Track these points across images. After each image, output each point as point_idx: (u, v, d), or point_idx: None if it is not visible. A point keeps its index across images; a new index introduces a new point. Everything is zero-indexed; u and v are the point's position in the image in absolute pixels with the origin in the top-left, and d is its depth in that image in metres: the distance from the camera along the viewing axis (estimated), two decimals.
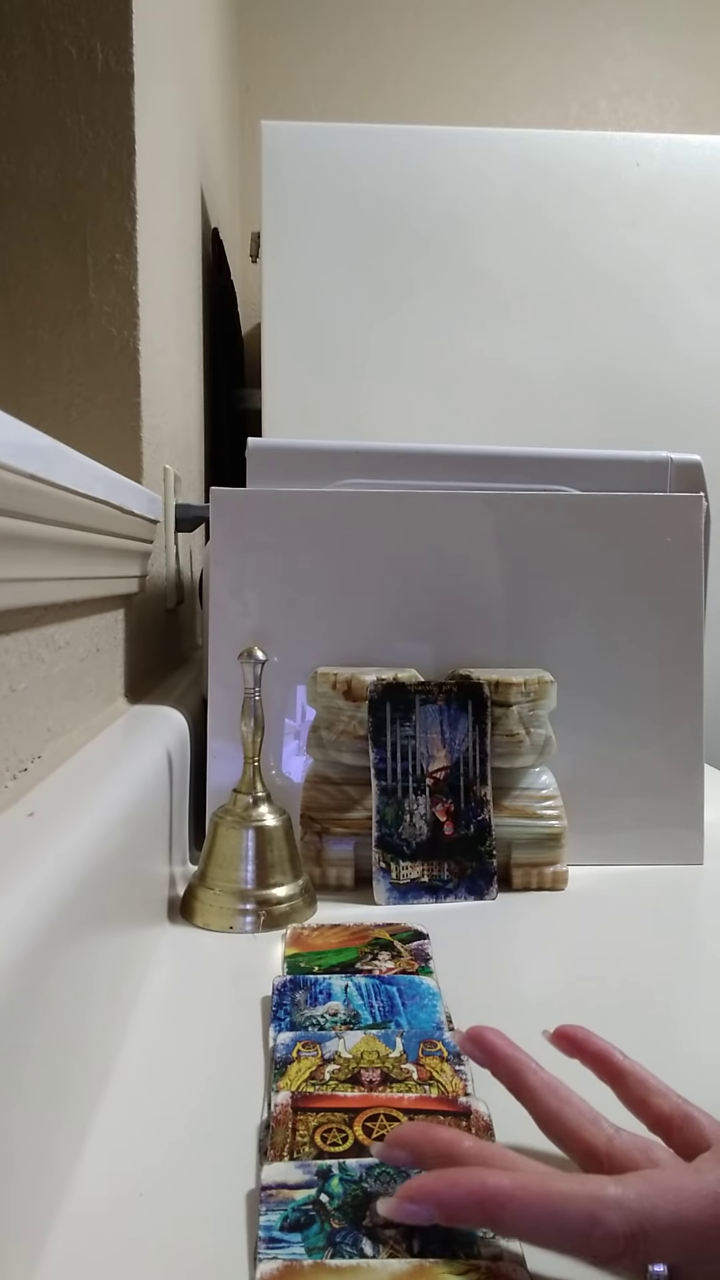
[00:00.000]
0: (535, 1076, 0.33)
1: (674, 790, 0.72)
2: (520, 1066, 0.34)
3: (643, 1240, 0.27)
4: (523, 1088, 0.33)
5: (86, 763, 0.51)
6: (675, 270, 1.43)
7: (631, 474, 0.77)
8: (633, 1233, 0.26)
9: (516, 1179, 0.28)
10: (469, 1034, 0.35)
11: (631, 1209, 0.27)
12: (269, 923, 0.58)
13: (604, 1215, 0.27)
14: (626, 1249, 0.27)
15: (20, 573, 0.42)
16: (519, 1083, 0.33)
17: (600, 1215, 0.27)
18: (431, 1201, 0.28)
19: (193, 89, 1.15)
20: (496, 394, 1.42)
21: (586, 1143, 0.31)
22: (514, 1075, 0.34)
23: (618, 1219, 0.27)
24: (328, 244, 1.39)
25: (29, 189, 0.72)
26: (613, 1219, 0.27)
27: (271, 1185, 0.32)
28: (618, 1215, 0.27)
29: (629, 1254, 0.27)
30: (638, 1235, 0.27)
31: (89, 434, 0.74)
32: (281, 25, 2.02)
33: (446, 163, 1.40)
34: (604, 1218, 0.27)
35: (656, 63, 2.08)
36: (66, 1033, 0.34)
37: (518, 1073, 0.33)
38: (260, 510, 0.71)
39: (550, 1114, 0.32)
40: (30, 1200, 0.30)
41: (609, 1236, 0.27)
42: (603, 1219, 0.27)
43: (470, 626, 0.72)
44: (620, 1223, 0.27)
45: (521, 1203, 0.27)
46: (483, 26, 2.05)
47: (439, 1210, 0.28)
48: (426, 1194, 0.28)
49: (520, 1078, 0.33)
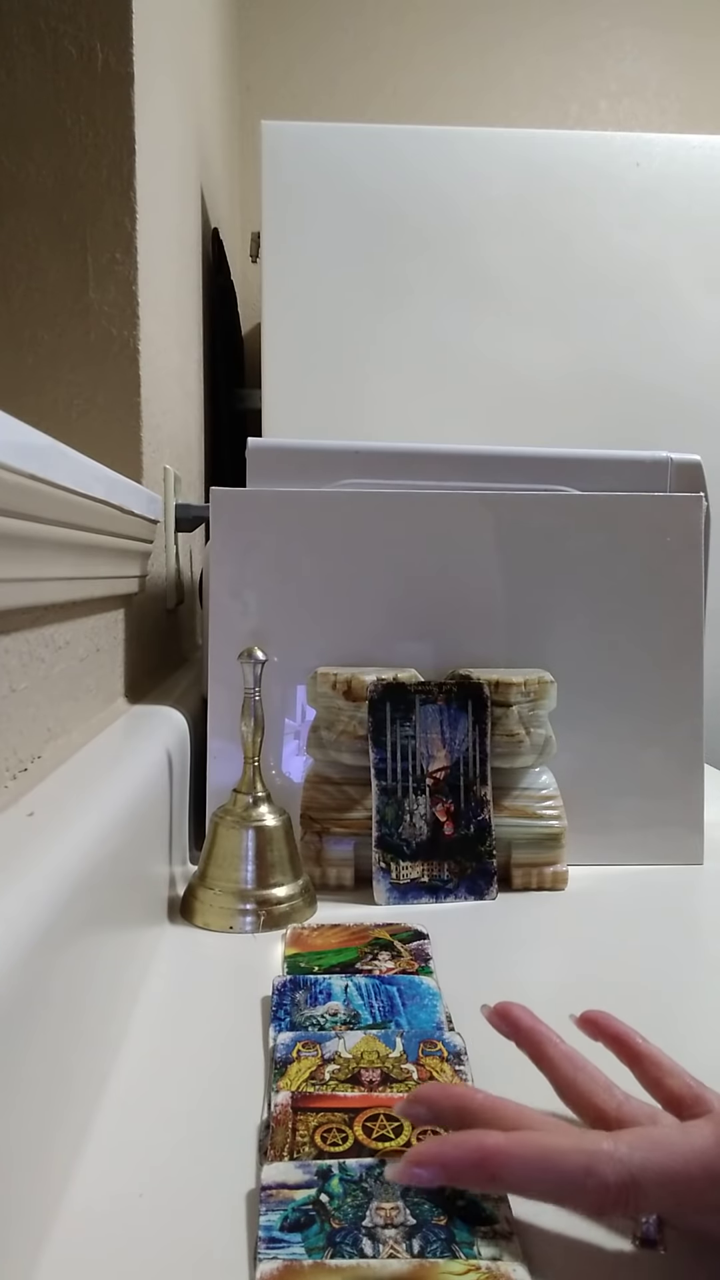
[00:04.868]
0: (554, 1048, 0.36)
1: (674, 790, 0.72)
2: (541, 1039, 0.36)
3: (634, 1190, 0.28)
4: (543, 1057, 0.36)
5: (86, 763, 0.51)
6: (675, 270, 1.43)
7: (631, 474, 0.77)
8: (624, 1183, 0.28)
9: (513, 1137, 0.30)
10: (495, 1009, 0.38)
11: (623, 1161, 0.28)
12: (269, 923, 0.58)
13: (597, 1167, 0.28)
14: (619, 1199, 0.28)
15: (20, 573, 0.42)
16: (540, 1053, 0.36)
17: (594, 1167, 0.28)
18: (436, 1164, 0.30)
19: (193, 89, 1.15)
20: (496, 394, 1.42)
21: (598, 1108, 0.33)
22: (536, 1046, 0.36)
23: (610, 1170, 0.28)
24: (328, 244, 1.39)
25: (29, 189, 0.72)
26: (605, 1170, 0.28)
27: (271, 1185, 0.32)
28: (610, 1167, 0.28)
29: (621, 1203, 0.28)
30: (629, 1185, 0.28)
31: (89, 434, 0.74)
32: (281, 25, 2.02)
33: (446, 163, 1.40)
34: (597, 1169, 0.28)
35: (656, 63, 2.08)
36: (66, 1032, 0.34)
37: (539, 1044, 0.36)
38: (260, 510, 0.71)
39: (567, 1081, 0.35)
40: (30, 1200, 0.30)
41: (602, 1186, 0.28)
42: (596, 1170, 0.28)
43: (470, 626, 0.72)
44: (613, 1174, 0.28)
45: (519, 1158, 0.29)
46: (482, 26, 2.05)
47: (443, 1171, 0.30)
48: (430, 1157, 0.30)
49: (541, 1048, 0.36)
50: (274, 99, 2.02)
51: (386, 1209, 0.31)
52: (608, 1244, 0.31)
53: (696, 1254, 0.30)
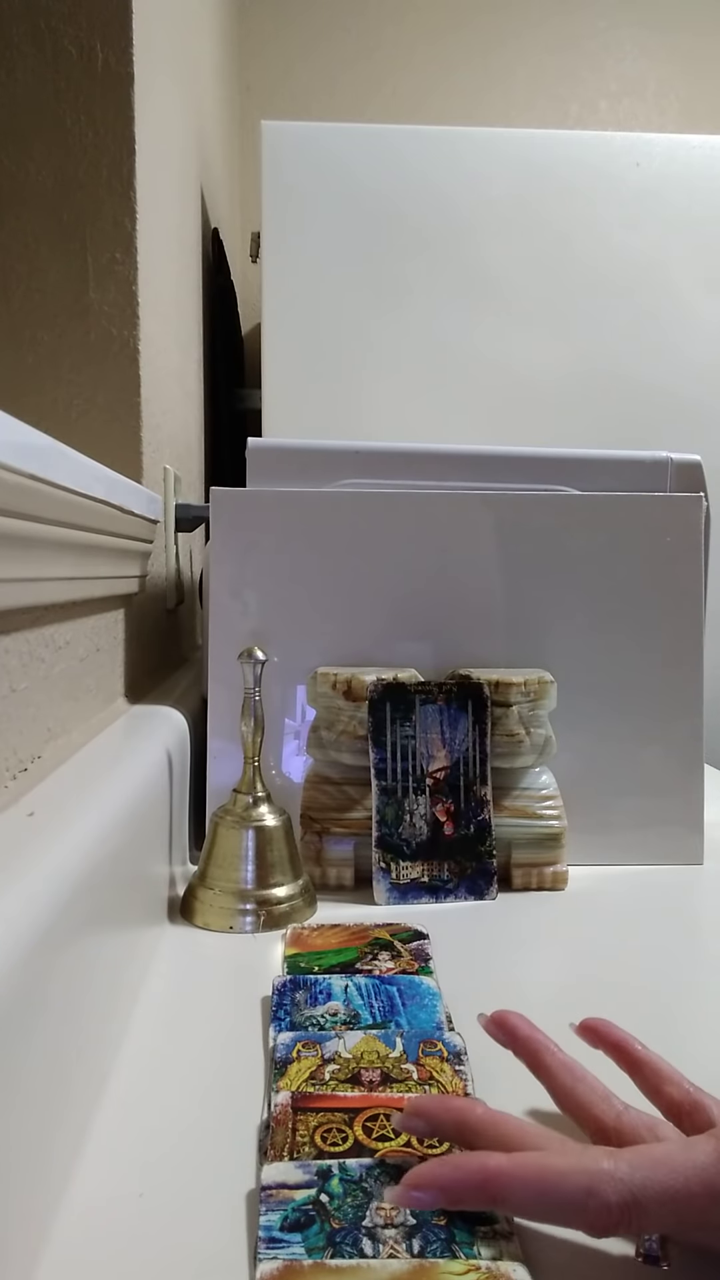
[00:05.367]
0: (552, 1057, 0.36)
1: (674, 790, 0.72)
2: (539, 1047, 0.36)
3: (636, 1210, 0.28)
4: (541, 1066, 0.36)
5: (86, 763, 0.51)
6: (675, 270, 1.43)
7: (631, 474, 0.77)
8: (626, 1203, 0.28)
9: (514, 1159, 0.30)
10: (492, 1017, 0.38)
11: (624, 1181, 0.28)
12: (269, 923, 0.58)
13: (599, 1188, 0.28)
14: (622, 1219, 0.28)
15: (20, 573, 0.42)
16: (538, 1062, 0.36)
17: (595, 1188, 0.28)
18: (436, 1187, 0.30)
19: (193, 89, 1.15)
20: (496, 394, 1.42)
21: (597, 1119, 0.33)
22: (533, 1055, 0.36)
23: (611, 1191, 0.28)
24: (328, 244, 1.39)
25: (29, 189, 0.72)
26: (607, 1191, 0.28)
27: (271, 1185, 0.32)
28: (611, 1187, 0.28)
29: (624, 1223, 0.28)
30: (631, 1206, 0.28)
31: (89, 434, 0.74)
32: (281, 26, 2.02)
33: (446, 162, 1.40)
34: (599, 1190, 0.28)
35: (656, 63, 2.08)
36: (66, 1032, 0.34)
37: (536, 1053, 0.36)
38: (260, 510, 0.71)
39: (565, 1091, 0.34)
40: (30, 1200, 0.30)
41: (604, 1208, 0.28)
42: (598, 1191, 0.28)
43: (470, 626, 0.72)
44: (614, 1194, 0.28)
45: (521, 1181, 0.29)
46: (482, 26, 2.05)
47: (443, 1195, 0.30)
48: (430, 1180, 0.30)
49: (539, 1057, 0.36)
50: (274, 99, 2.02)
51: (386, 1209, 0.31)
52: (608, 1244, 0.31)
53: (698, 1269, 0.30)
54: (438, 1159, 0.31)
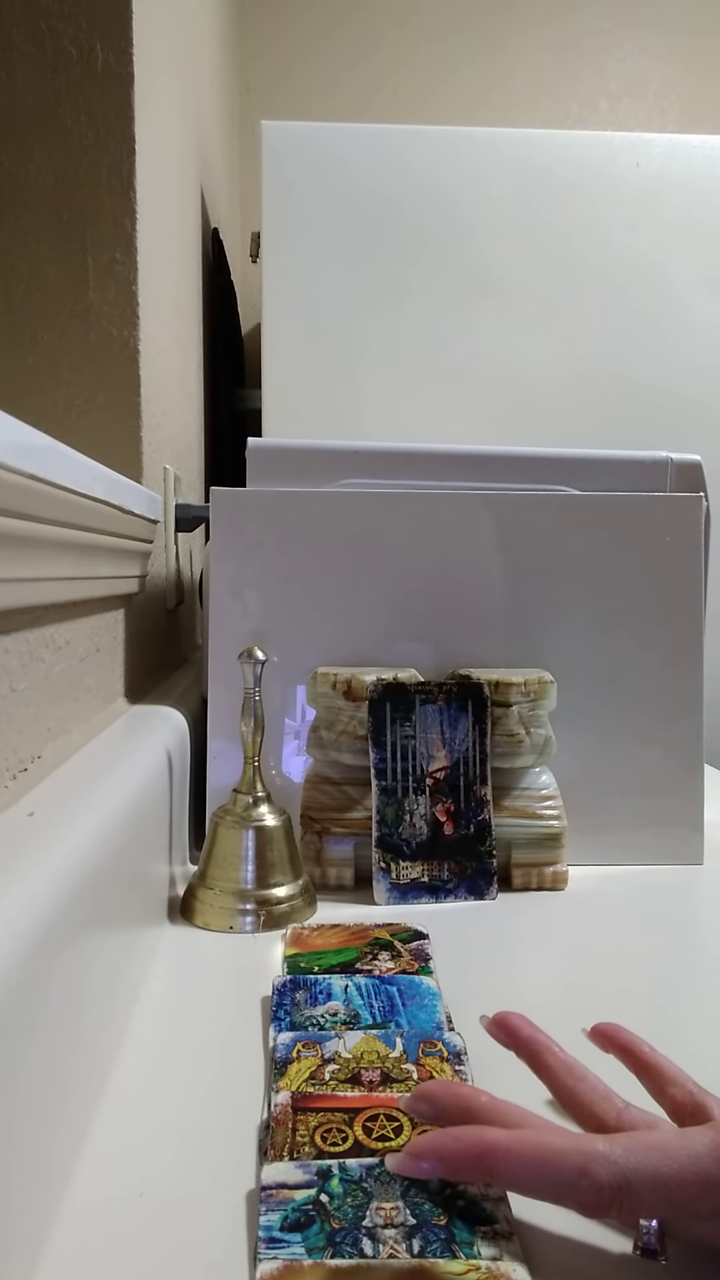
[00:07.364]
0: (554, 1057, 0.36)
1: (674, 790, 0.72)
2: (540, 1048, 0.36)
3: (627, 1192, 0.28)
4: (542, 1066, 0.36)
5: (86, 763, 0.51)
6: (675, 270, 1.43)
7: (631, 474, 0.77)
8: (618, 1185, 0.28)
9: (512, 1134, 0.30)
10: (494, 1019, 0.38)
11: (617, 1163, 0.29)
12: (269, 923, 0.58)
13: (591, 1168, 0.29)
14: (612, 1200, 0.28)
15: (20, 573, 0.42)
16: (539, 1062, 0.36)
17: (588, 1168, 0.29)
18: (435, 1156, 0.31)
19: (193, 89, 1.15)
20: (496, 394, 1.42)
21: (598, 1117, 0.33)
22: (535, 1055, 0.36)
23: (604, 1171, 0.29)
24: (328, 244, 1.39)
25: (29, 189, 0.72)
26: (599, 1171, 0.29)
27: (271, 1185, 0.32)
28: (604, 1168, 0.29)
29: (615, 1205, 0.29)
30: (622, 1187, 0.28)
31: (89, 434, 0.74)
32: (281, 25, 2.02)
33: (447, 163, 1.40)
34: (591, 1170, 0.29)
35: (656, 63, 2.08)
36: (66, 1033, 0.34)
37: (538, 1053, 0.36)
38: (260, 510, 0.71)
39: (567, 1090, 0.35)
40: (30, 1200, 0.30)
41: (596, 1187, 0.28)
42: (590, 1171, 0.29)
43: (470, 626, 0.72)
44: (606, 1175, 0.28)
45: (516, 1155, 0.30)
46: (483, 27, 2.05)
47: (441, 1164, 0.31)
48: (430, 1149, 0.31)
49: (540, 1058, 0.36)
50: (274, 99, 2.02)
51: (386, 1209, 0.31)
52: (608, 1244, 0.31)
53: (694, 1262, 0.30)
54: (439, 1131, 0.32)
